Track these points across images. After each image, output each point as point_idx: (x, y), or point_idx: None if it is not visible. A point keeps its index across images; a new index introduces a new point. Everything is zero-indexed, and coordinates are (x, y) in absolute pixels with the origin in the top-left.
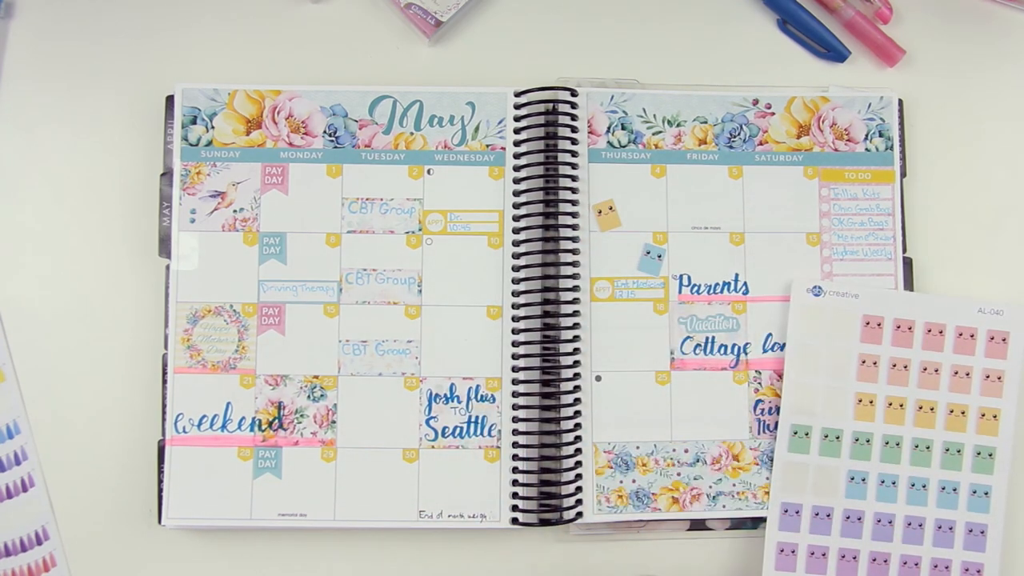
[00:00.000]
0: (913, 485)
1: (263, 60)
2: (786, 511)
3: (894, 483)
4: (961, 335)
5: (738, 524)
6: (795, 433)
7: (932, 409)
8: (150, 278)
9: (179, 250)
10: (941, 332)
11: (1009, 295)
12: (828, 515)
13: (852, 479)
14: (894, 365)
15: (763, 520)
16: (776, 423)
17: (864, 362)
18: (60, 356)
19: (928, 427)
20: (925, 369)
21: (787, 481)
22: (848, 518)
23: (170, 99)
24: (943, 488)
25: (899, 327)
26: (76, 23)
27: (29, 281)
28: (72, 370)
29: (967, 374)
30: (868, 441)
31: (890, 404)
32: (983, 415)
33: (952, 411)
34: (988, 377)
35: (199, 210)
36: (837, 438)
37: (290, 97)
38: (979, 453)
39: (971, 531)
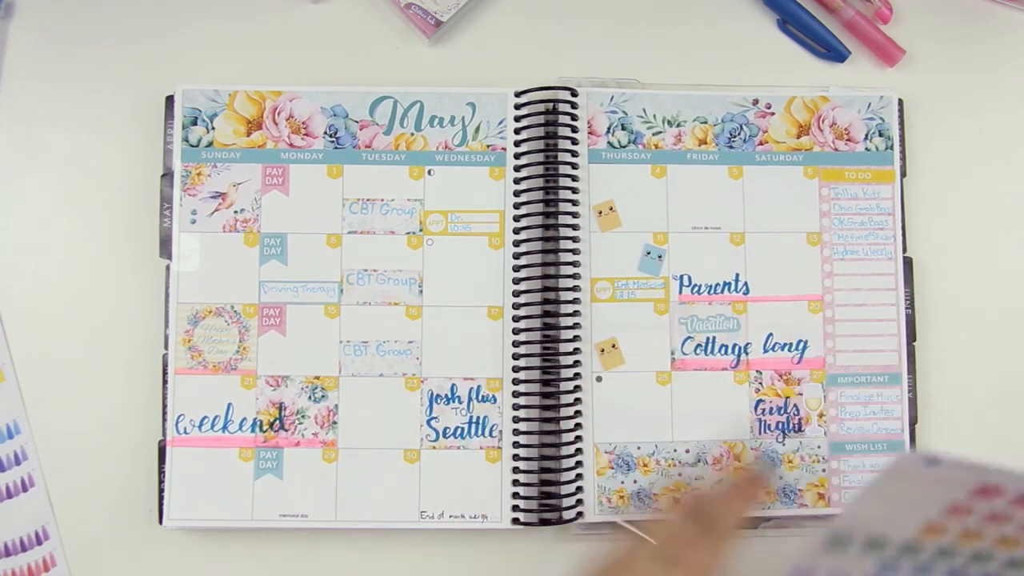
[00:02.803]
0: None
1: (263, 61)
2: None
3: None
4: None
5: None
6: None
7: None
8: (151, 279)
9: (180, 251)
10: None
11: (1009, 295)
12: None
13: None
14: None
15: (763, 520)
16: (777, 423)
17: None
18: (60, 356)
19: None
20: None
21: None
22: None
23: (170, 100)
24: None
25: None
26: (76, 23)
27: (29, 281)
28: (72, 370)
29: None
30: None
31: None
32: None
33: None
34: None
35: (200, 211)
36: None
37: (291, 98)
38: None
39: None
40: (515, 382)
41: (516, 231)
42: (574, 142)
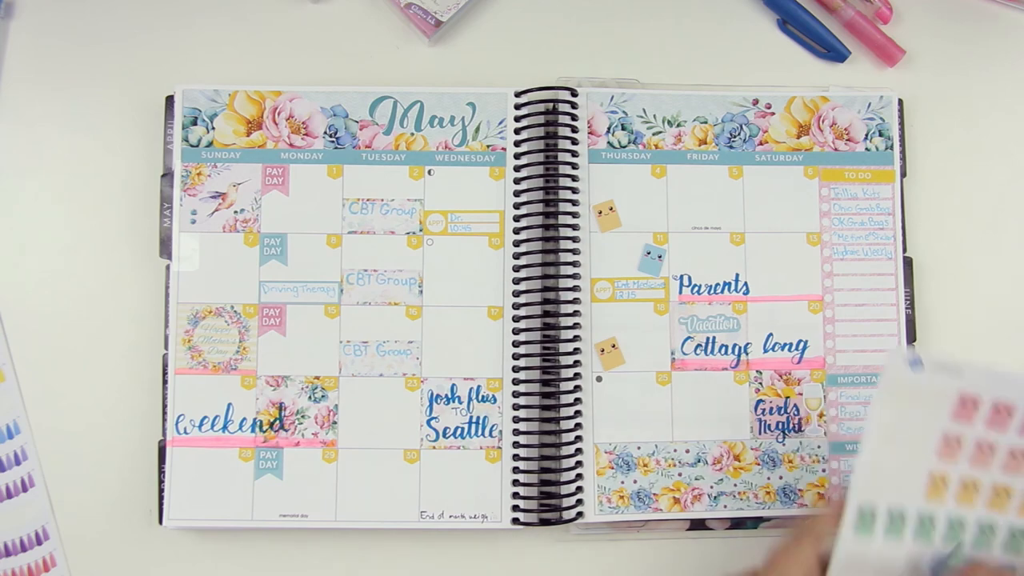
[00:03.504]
0: None
1: (263, 61)
2: None
3: None
4: None
5: (738, 524)
6: (862, 514)
7: (1008, 494)
8: (151, 279)
9: (180, 251)
10: None
11: (1009, 295)
12: None
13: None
14: (980, 448)
15: (763, 520)
16: (777, 423)
17: (947, 441)
18: (60, 356)
19: (1000, 510)
20: (1013, 455)
21: (849, 564)
22: None
23: (170, 100)
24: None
25: (998, 410)
26: (76, 23)
27: (29, 281)
28: (72, 370)
29: None
30: (932, 522)
31: (964, 486)
32: None
33: None
34: None
35: (200, 211)
36: (902, 517)
37: (290, 98)
38: None
39: None
40: (515, 382)
41: (516, 231)
42: (574, 142)
